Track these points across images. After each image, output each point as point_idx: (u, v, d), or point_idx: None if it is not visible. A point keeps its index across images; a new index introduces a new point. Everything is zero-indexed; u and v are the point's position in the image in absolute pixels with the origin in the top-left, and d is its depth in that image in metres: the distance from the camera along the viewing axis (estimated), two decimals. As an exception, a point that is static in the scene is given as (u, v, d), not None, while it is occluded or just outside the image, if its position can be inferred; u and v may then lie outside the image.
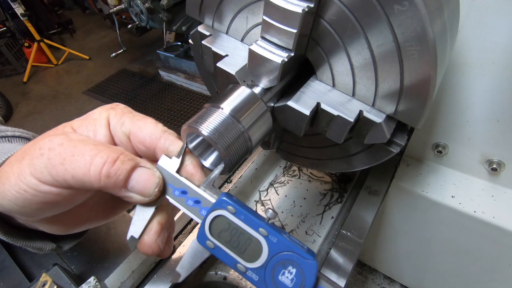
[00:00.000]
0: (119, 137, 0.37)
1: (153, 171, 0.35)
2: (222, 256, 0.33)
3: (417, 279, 1.22)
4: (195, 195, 0.35)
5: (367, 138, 0.45)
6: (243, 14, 0.49)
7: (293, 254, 0.31)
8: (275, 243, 0.32)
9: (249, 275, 0.32)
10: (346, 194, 0.92)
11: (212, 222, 0.33)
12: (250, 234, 0.32)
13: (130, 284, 0.64)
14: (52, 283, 0.55)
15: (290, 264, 0.31)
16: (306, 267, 0.31)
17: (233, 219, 0.33)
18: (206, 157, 0.45)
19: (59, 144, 0.32)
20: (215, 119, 0.39)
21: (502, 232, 0.75)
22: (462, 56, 0.64)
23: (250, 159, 0.94)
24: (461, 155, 0.80)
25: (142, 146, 0.37)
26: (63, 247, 0.47)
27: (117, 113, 0.38)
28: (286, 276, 0.31)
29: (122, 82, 3.58)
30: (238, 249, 0.32)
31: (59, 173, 0.31)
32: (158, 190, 0.35)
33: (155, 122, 0.38)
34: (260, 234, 0.32)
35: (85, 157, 0.31)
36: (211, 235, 0.33)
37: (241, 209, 0.33)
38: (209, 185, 0.36)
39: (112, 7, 2.88)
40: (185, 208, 0.35)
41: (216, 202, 0.34)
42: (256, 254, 0.32)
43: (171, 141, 0.37)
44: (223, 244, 0.33)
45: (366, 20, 0.37)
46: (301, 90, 0.45)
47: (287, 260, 0.31)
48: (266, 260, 0.32)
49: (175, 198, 0.36)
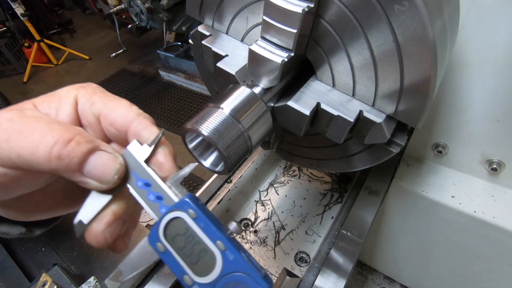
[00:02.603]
0: (88, 118, 0.34)
1: (115, 157, 0.32)
2: (171, 263, 0.30)
3: (417, 279, 1.22)
4: (158, 190, 0.32)
5: (367, 138, 0.45)
6: (243, 14, 0.49)
7: (247, 277, 0.28)
8: (231, 260, 0.29)
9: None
10: (346, 194, 0.92)
11: (169, 224, 0.31)
12: (206, 245, 0.29)
13: (130, 284, 0.64)
14: (52, 283, 0.55)
15: (242, 287, 0.28)
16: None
17: (192, 225, 0.30)
18: (206, 157, 0.45)
19: (8, 120, 0.29)
20: (215, 119, 0.39)
21: (502, 232, 0.75)
22: (462, 56, 0.64)
23: (250, 159, 0.94)
24: (461, 155, 0.80)
25: (112, 128, 0.34)
26: (34, 232, 0.43)
27: (87, 91, 0.34)
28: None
29: (122, 82, 3.58)
30: (189, 259, 0.30)
31: (4, 150, 0.28)
32: (118, 177, 0.32)
33: (129, 104, 0.35)
34: (217, 247, 0.29)
35: (34, 135, 0.28)
36: (165, 238, 0.31)
37: (203, 216, 0.30)
38: (176, 182, 0.33)
39: (112, 7, 2.88)
40: (145, 203, 0.32)
41: (177, 203, 0.31)
42: (207, 268, 0.29)
43: (145, 126, 0.34)
44: (175, 250, 0.30)
45: (366, 20, 0.37)
46: (301, 90, 0.45)
47: (240, 282, 0.28)
48: (217, 278, 0.29)
49: (136, 189, 0.33)
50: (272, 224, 0.87)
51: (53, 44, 4.01)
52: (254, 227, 0.87)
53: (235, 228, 0.30)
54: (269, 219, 0.89)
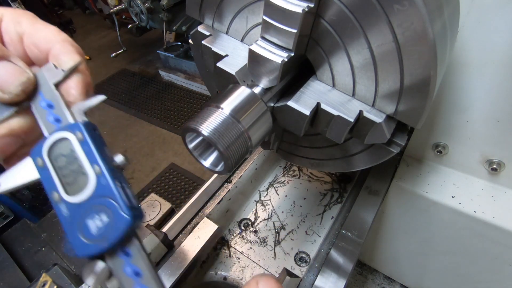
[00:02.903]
0: (11, 35, 0.34)
1: (23, 69, 0.32)
2: (45, 179, 0.30)
3: (417, 279, 1.22)
4: (58, 113, 0.32)
5: (367, 138, 0.45)
6: (243, 14, 0.49)
7: (113, 203, 0.28)
8: (103, 185, 0.29)
9: (60, 207, 0.29)
10: (346, 194, 0.92)
11: (56, 143, 0.31)
12: (84, 167, 0.30)
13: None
14: (52, 283, 0.56)
15: (106, 212, 0.28)
16: (118, 221, 0.28)
17: (76, 147, 0.30)
18: (206, 157, 0.45)
19: None
20: (215, 119, 0.39)
21: (502, 232, 0.75)
22: (462, 56, 0.64)
23: (250, 159, 0.94)
24: (461, 155, 0.80)
25: (35, 49, 0.34)
26: None
27: (16, 12, 0.34)
28: (95, 223, 0.28)
29: (122, 82, 3.58)
30: (65, 179, 0.30)
31: None
32: (23, 90, 0.31)
33: (58, 30, 0.35)
34: (93, 170, 0.29)
35: None
36: (47, 155, 0.31)
37: (88, 140, 0.30)
38: (80, 110, 0.33)
39: (112, 7, 2.88)
40: (43, 123, 0.32)
41: (69, 124, 0.31)
42: (79, 189, 0.29)
43: (67, 51, 0.34)
44: (53, 168, 0.30)
45: (366, 20, 0.37)
46: (301, 90, 0.45)
47: (105, 207, 0.28)
48: (85, 199, 0.29)
49: (38, 109, 0.32)
50: (272, 224, 0.87)
51: (53, 44, 4.01)
52: (254, 227, 0.87)
53: (121, 161, 0.31)
54: (269, 219, 0.89)
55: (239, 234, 0.86)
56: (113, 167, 0.31)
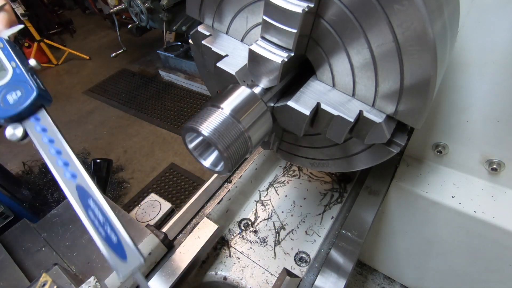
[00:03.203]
0: None
1: None
2: None
3: (417, 279, 1.22)
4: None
5: (367, 138, 0.45)
6: (243, 14, 0.49)
7: (24, 82, 0.42)
8: (18, 74, 0.42)
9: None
10: (346, 194, 0.92)
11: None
12: (4, 64, 0.43)
13: (130, 284, 0.64)
14: (52, 283, 0.56)
15: (20, 90, 0.41)
16: (27, 93, 0.41)
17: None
18: (206, 157, 0.45)
19: None
20: (215, 119, 0.39)
21: (502, 232, 0.75)
22: (462, 56, 0.64)
23: (250, 159, 0.94)
24: (461, 155, 0.80)
25: None
26: None
27: None
28: (12, 96, 0.41)
29: (122, 82, 3.58)
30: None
31: None
32: None
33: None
34: (11, 65, 0.43)
35: None
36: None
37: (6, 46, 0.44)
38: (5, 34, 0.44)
39: (112, 7, 2.88)
40: None
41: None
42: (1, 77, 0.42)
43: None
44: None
45: (366, 20, 0.37)
46: (301, 90, 0.45)
47: (20, 87, 0.41)
48: (5, 83, 0.41)
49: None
50: (272, 224, 0.87)
51: (53, 44, 4.01)
52: (254, 227, 0.87)
53: (34, 64, 0.45)
54: (269, 219, 0.89)
55: (239, 234, 0.86)
56: (27, 67, 0.43)
